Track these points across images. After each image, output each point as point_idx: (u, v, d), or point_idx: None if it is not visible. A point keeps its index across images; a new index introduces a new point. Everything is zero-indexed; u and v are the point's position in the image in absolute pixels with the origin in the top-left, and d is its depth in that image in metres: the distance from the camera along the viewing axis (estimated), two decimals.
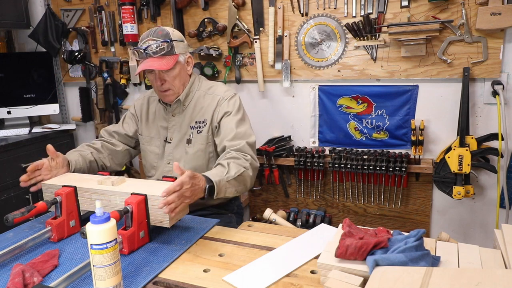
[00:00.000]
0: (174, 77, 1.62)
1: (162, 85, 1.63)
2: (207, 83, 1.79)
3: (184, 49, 1.65)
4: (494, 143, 2.12)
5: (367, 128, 2.37)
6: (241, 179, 1.50)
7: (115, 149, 1.82)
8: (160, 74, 1.61)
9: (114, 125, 1.91)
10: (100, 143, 1.80)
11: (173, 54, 1.58)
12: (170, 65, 1.55)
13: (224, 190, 1.43)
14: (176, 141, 1.73)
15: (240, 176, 1.49)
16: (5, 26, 2.81)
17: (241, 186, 1.52)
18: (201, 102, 1.72)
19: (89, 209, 1.37)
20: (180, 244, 1.26)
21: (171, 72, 1.60)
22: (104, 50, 2.89)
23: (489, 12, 1.93)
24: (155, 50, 1.55)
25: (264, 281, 1.05)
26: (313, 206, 2.59)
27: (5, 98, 2.81)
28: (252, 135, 1.66)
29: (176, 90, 1.66)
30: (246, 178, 1.53)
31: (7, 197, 2.49)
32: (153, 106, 1.81)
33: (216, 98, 1.70)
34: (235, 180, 1.46)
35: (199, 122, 1.70)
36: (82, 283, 1.05)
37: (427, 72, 2.18)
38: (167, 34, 1.58)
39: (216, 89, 1.74)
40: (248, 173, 1.53)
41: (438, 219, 2.37)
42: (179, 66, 1.63)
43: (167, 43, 1.56)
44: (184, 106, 1.72)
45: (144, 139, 1.81)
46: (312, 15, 2.32)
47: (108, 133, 1.86)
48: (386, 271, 0.92)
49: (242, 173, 1.50)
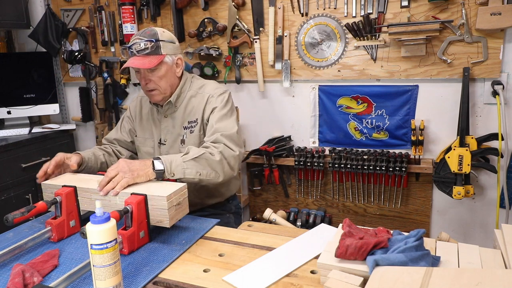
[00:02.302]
0: (159, 77, 1.60)
1: (146, 85, 1.62)
2: (199, 82, 1.76)
3: (172, 50, 1.63)
4: (494, 143, 2.12)
5: (367, 128, 2.37)
6: (203, 162, 1.46)
7: (121, 156, 1.80)
8: (145, 74, 1.60)
9: (112, 132, 1.88)
10: (111, 149, 1.80)
11: (158, 54, 1.57)
12: (152, 64, 1.54)
13: (181, 170, 1.41)
14: (170, 142, 1.73)
15: (201, 158, 1.45)
16: (5, 26, 2.81)
17: (206, 170, 1.47)
18: (192, 102, 1.71)
19: (89, 209, 1.36)
20: (180, 244, 1.26)
21: (156, 72, 1.59)
22: (104, 50, 2.89)
23: (489, 12, 1.93)
24: (139, 48, 1.55)
25: (264, 281, 1.04)
26: (313, 206, 2.59)
27: (5, 98, 2.81)
28: (233, 127, 1.61)
29: (162, 90, 1.64)
30: (211, 162, 1.48)
31: (7, 197, 2.49)
32: (146, 107, 1.81)
33: (206, 96, 1.69)
34: (194, 161, 1.44)
35: (191, 122, 1.69)
36: (82, 283, 1.05)
37: (427, 72, 2.18)
38: (155, 34, 1.58)
39: (207, 88, 1.72)
40: (212, 158, 1.48)
41: (438, 219, 2.37)
42: (165, 66, 1.60)
43: (152, 42, 1.55)
44: (176, 107, 1.71)
45: (139, 140, 1.81)
46: (312, 15, 2.32)
47: (109, 141, 1.85)
48: (386, 271, 0.92)
49: (202, 155, 1.46)
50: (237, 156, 1.57)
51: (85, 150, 1.71)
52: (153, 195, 1.23)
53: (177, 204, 1.27)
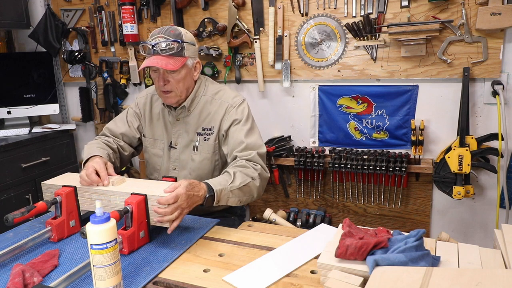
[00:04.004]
0: (178, 80, 1.55)
1: (164, 86, 1.56)
2: (214, 87, 1.71)
3: (193, 53, 1.58)
4: (494, 143, 2.12)
5: (367, 128, 2.37)
6: (247, 189, 1.47)
7: (123, 153, 1.74)
8: (165, 74, 1.54)
9: (117, 124, 1.77)
10: (116, 145, 1.71)
11: (181, 56, 1.52)
12: (177, 66, 1.49)
13: (226, 199, 1.41)
14: (181, 147, 1.68)
15: (246, 186, 1.46)
16: (5, 26, 2.81)
17: (246, 197, 1.49)
18: (208, 108, 1.65)
19: (89, 209, 1.36)
20: (180, 244, 1.26)
21: (176, 74, 1.54)
22: (104, 50, 2.89)
23: (489, 12, 1.93)
24: (164, 48, 1.48)
25: (264, 281, 1.05)
26: (313, 206, 2.59)
27: (5, 98, 2.81)
28: (262, 145, 1.61)
29: (178, 93, 1.58)
30: (252, 189, 1.49)
31: (7, 197, 2.49)
32: (157, 106, 1.74)
33: (224, 105, 1.63)
34: (239, 190, 1.44)
35: (206, 129, 1.64)
36: (82, 283, 1.05)
37: (427, 72, 2.18)
38: (179, 34, 1.52)
39: (224, 95, 1.66)
40: (254, 183, 1.49)
41: (438, 219, 2.37)
42: (185, 69, 1.55)
43: (177, 43, 1.50)
44: (189, 111, 1.65)
45: (148, 141, 1.75)
46: (312, 15, 2.32)
47: (115, 135, 1.75)
48: (386, 271, 0.92)
49: (248, 183, 1.46)
50: (268, 177, 1.60)
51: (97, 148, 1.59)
52: (153, 195, 1.23)
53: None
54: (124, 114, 1.80)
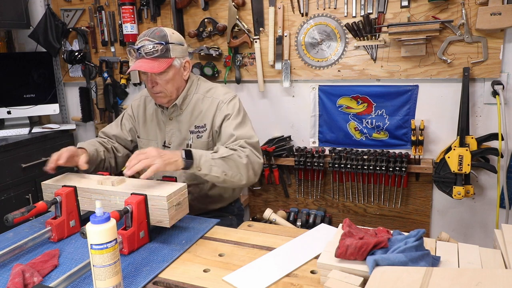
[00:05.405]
0: (166, 81, 1.56)
1: (153, 88, 1.58)
2: (206, 85, 1.72)
3: (181, 53, 1.59)
4: (494, 143, 2.12)
5: (367, 128, 2.37)
6: (231, 163, 1.46)
7: (117, 154, 1.78)
8: (152, 76, 1.55)
9: (112, 127, 1.84)
10: (110, 145, 1.76)
11: (167, 57, 1.53)
12: (161, 68, 1.51)
13: (209, 167, 1.42)
14: (175, 146, 1.70)
15: (230, 160, 1.46)
16: (5, 26, 2.81)
17: (232, 171, 1.47)
18: (200, 106, 1.67)
19: (89, 209, 1.37)
20: (180, 244, 1.26)
21: (164, 75, 1.55)
22: (104, 50, 2.89)
23: (489, 12, 1.93)
24: (148, 51, 1.50)
25: (264, 281, 1.05)
26: (313, 206, 2.59)
27: (5, 98, 2.81)
28: (253, 135, 1.61)
29: (168, 93, 1.60)
30: (238, 164, 1.48)
31: (7, 197, 2.49)
32: (150, 107, 1.77)
33: (215, 102, 1.64)
34: (222, 160, 1.44)
35: (198, 127, 1.66)
36: (82, 283, 1.05)
37: (427, 72, 2.18)
38: (164, 36, 1.53)
39: (215, 92, 1.68)
40: (241, 160, 1.48)
41: (438, 219, 2.37)
42: (173, 70, 1.56)
43: (162, 45, 1.50)
44: (182, 109, 1.67)
45: (142, 142, 1.78)
46: (312, 15, 2.32)
47: (108, 136, 1.80)
48: (386, 271, 0.92)
49: (231, 156, 1.46)
50: (261, 164, 1.58)
51: (88, 143, 1.66)
52: (153, 195, 1.23)
53: (177, 204, 1.27)
54: (120, 117, 1.86)
